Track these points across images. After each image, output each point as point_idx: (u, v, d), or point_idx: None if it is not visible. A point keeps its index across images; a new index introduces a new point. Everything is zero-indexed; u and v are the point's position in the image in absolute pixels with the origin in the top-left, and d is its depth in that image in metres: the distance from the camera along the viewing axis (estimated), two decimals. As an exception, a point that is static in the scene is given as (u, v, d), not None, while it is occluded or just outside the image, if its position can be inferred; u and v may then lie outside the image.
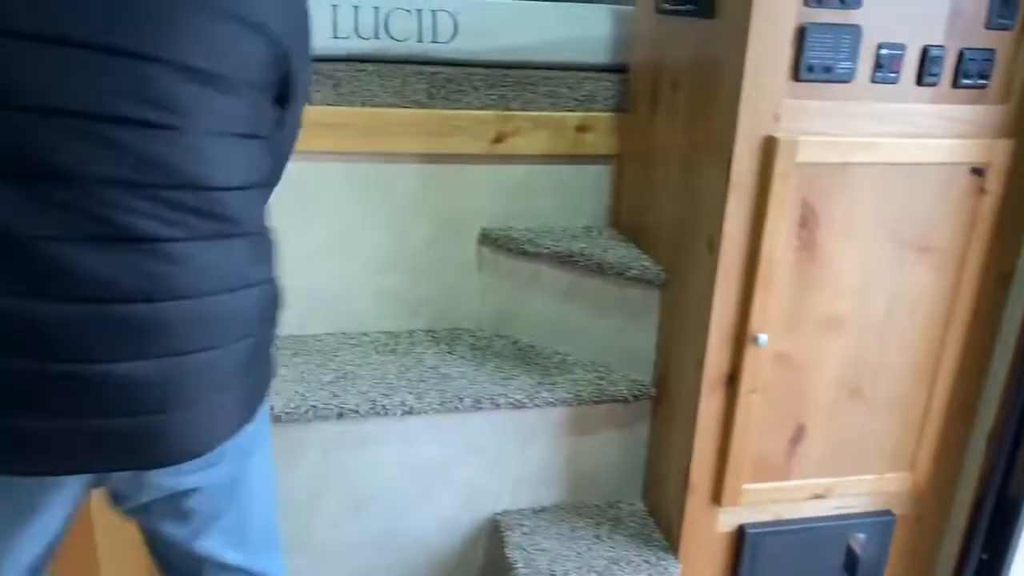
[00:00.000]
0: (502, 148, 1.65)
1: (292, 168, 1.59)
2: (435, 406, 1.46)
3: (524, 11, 1.67)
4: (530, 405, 1.50)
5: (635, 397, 1.55)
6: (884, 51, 1.24)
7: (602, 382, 1.56)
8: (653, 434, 1.59)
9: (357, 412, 1.42)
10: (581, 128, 1.67)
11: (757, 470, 1.44)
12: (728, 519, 1.48)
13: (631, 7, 1.68)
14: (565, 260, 1.59)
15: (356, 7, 1.58)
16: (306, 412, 1.41)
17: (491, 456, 1.55)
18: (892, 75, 1.26)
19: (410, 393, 1.47)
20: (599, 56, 1.71)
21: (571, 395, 1.51)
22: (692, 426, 1.40)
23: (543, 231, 1.69)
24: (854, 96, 1.26)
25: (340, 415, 1.42)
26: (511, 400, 1.49)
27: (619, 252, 1.58)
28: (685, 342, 1.43)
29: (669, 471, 1.51)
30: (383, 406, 1.43)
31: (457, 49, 1.63)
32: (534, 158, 1.68)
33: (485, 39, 1.64)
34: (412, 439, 1.50)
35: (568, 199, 1.73)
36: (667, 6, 1.47)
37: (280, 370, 1.53)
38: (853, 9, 1.21)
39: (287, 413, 1.40)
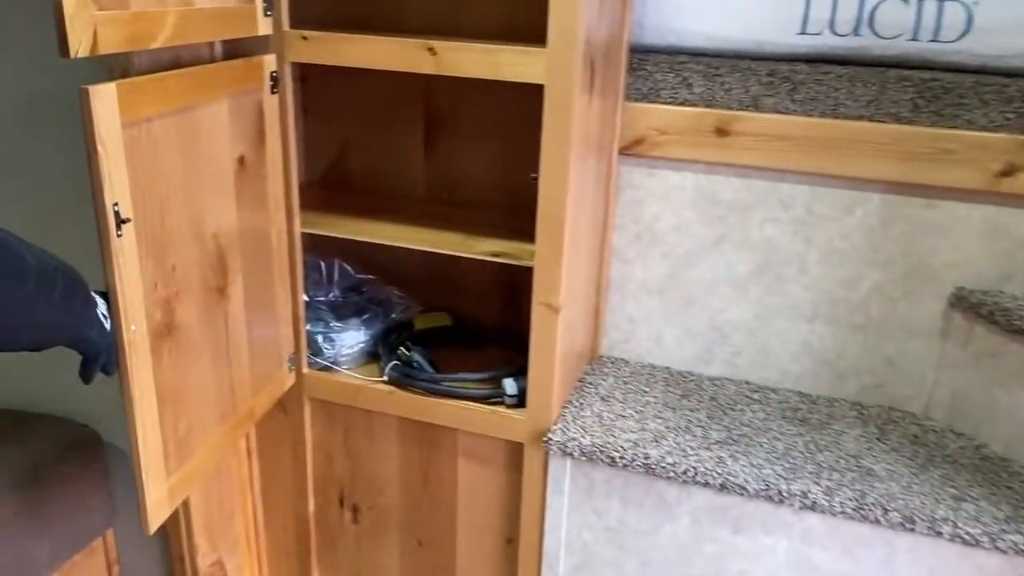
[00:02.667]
0: (1009, 185, 1.21)
1: (720, 181, 1.38)
2: (848, 510, 1.12)
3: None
4: (989, 546, 1.07)
5: None
6: None
7: (1118, 545, 1.05)
8: None
9: (745, 490, 1.16)
10: None
11: None
12: None
13: None
14: (1086, 355, 1.11)
15: (836, -4, 1.29)
16: (685, 471, 1.18)
17: (915, 593, 1.15)
18: None
19: (817, 483, 1.15)
20: None
21: (1060, 551, 1.04)
22: None
23: (1054, 306, 1.21)
24: None
25: (723, 487, 1.17)
26: (961, 532, 1.07)
27: None
28: None
29: None
30: (779, 491, 1.14)
31: (966, 50, 1.23)
32: (1059, 204, 1.21)
33: (1014, 38, 1.21)
34: (809, 541, 1.18)
35: (1106, 267, 1.22)
36: None
37: (665, 412, 1.33)
38: None
39: (663, 467, 1.19)
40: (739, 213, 1.37)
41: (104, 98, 0.83)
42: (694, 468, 1.18)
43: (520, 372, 1.31)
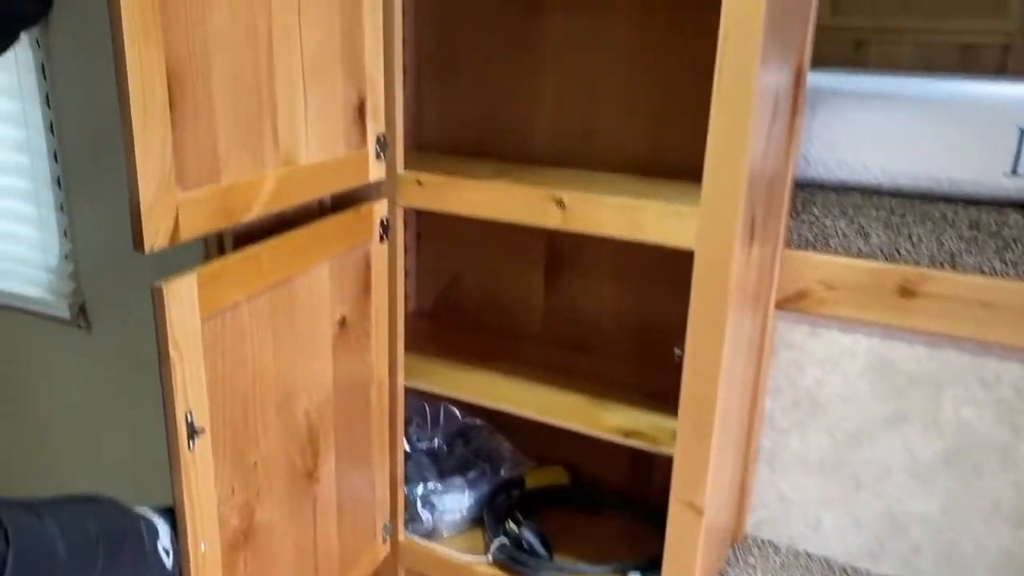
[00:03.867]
0: None
1: (901, 349, 1.14)
2: None
3: None
4: None
5: None
6: None
7: None
8: None
9: None
10: None
11: None
12: None
13: None
14: None
15: (1058, 131, 1.05)
16: None
17: None
18: None
19: None
20: None
21: None
22: None
23: None
24: None
25: None
26: None
27: None
28: None
29: None
30: None
31: None
32: None
33: None
34: None
35: None
36: None
37: (829, 631, 1.08)
38: None
39: None
40: (926, 389, 1.12)
41: (181, 294, 0.70)
42: None
43: (650, 565, 1.10)
